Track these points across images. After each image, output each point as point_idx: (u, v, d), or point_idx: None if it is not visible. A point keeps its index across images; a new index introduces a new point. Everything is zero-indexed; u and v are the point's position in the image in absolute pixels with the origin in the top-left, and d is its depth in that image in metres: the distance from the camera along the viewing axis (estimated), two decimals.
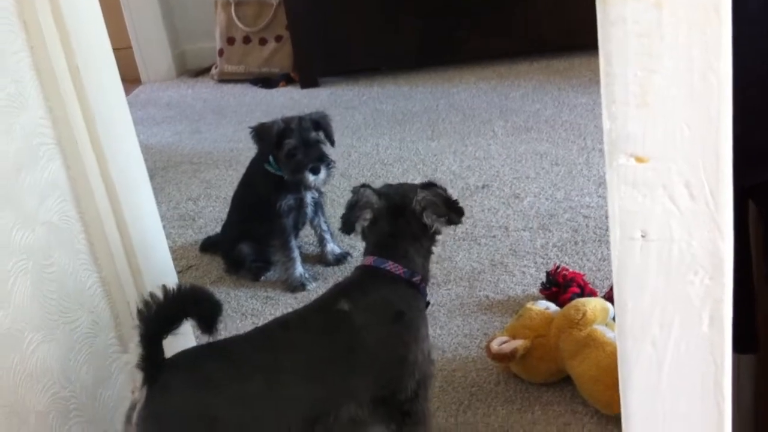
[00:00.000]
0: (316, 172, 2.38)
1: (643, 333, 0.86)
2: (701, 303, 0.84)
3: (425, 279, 1.69)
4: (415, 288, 1.64)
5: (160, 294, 1.42)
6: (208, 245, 2.77)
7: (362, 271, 1.67)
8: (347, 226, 1.72)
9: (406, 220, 1.66)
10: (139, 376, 1.44)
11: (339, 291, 1.64)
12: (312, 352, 1.54)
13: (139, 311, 1.43)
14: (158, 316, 1.42)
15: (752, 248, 1.26)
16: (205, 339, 1.55)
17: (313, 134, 2.40)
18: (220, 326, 1.50)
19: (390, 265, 1.62)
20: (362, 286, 1.63)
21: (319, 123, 2.42)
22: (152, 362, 1.43)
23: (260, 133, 2.41)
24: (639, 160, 0.80)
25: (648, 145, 0.79)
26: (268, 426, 1.49)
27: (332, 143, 2.46)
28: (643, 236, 0.82)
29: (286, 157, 2.39)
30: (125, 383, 1.81)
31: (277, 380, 1.50)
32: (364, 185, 1.71)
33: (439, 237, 1.73)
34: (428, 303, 1.72)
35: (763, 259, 1.24)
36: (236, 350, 1.54)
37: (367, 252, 1.68)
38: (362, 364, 1.56)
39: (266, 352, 1.54)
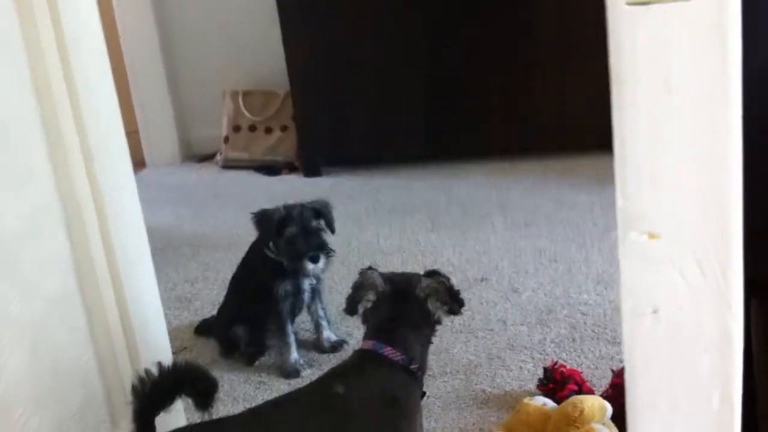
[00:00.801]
0: (315, 260, 2.39)
1: (651, 410, 0.86)
2: (710, 380, 0.84)
3: (423, 368, 1.68)
4: (412, 375, 1.63)
5: (155, 370, 1.41)
6: (203, 328, 2.76)
7: (360, 354, 1.66)
8: (350, 307, 1.72)
9: (408, 306, 1.66)
10: None
11: (335, 373, 1.63)
12: None
13: (134, 387, 1.41)
14: (153, 393, 1.40)
15: (754, 345, 1.26)
16: (196, 416, 1.52)
17: (314, 222, 2.42)
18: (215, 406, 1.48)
19: (388, 351, 1.61)
20: (359, 369, 1.63)
21: (320, 211, 2.45)
22: None
23: (261, 219, 2.44)
24: (651, 236, 0.81)
25: (660, 223, 0.81)
26: None
27: (332, 231, 2.48)
28: (653, 312, 0.83)
29: (286, 244, 2.41)
30: None
31: None
32: (370, 268, 1.73)
33: (438, 326, 1.74)
34: (424, 393, 1.71)
35: (765, 355, 1.24)
36: (228, 429, 1.52)
37: (367, 336, 1.68)
38: None
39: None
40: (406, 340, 1.64)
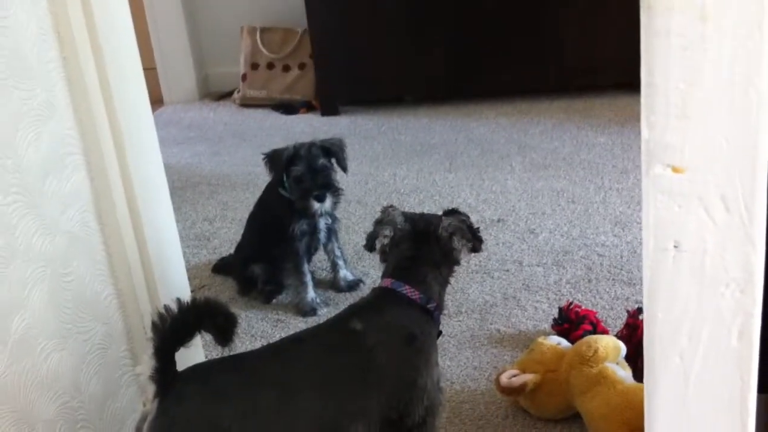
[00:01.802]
0: (320, 199, 2.39)
1: (671, 344, 0.86)
2: (731, 316, 0.84)
3: (440, 307, 1.70)
4: (429, 314, 1.65)
5: (174, 306, 1.43)
6: (221, 266, 2.78)
7: (378, 292, 1.67)
8: (369, 243, 1.74)
9: (428, 246, 1.67)
10: (151, 388, 1.44)
11: (353, 310, 1.65)
12: (323, 369, 1.55)
13: (154, 323, 1.43)
14: (172, 329, 1.42)
15: None
16: (214, 352, 1.55)
17: (322, 161, 2.41)
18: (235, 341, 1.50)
19: (407, 289, 1.63)
20: (377, 306, 1.64)
21: (330, 149, 2.43)
22: (165, 374, 1.43)
23: (271, 159, 2.44)
24: (676, 170, 0.80)
25: (685, 156, 0.79)
26: None
27: (344, 170, 2.47)
28: (676, 247, 0.82)
29: (293, 183, 2.41)
30: (134, 397, 1.81)
31: (288, 396, 1.50)
32: (392, 206, 1.74)
33: (456, 267, 1.74)
34: (440, 332, 1.72)
35: None
36: (248, 365, 1.55)
37: (386, 274, 1.69)
38: (372, 384, 1.56)
39: (278, 367, 1.54)
40: (424, 280, 1.66)
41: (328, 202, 2.41)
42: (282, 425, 1.49)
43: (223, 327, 1.47)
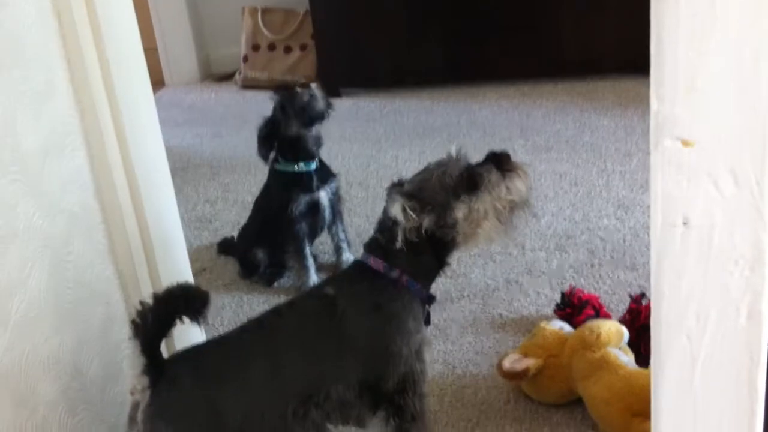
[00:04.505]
0: (307, 85, 2.44)
1: (678, 324, 0.84)
2: (740, 295, 0.82)
3: (417, 276, 1.65)
4: (393, 284, 1.63)
5: (150, 301, 1.45)
6: (226, 246, 2.77)
7: (353, 264, 1.75)
8: None
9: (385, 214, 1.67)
10: (144, 380, 1.47)
11: (328, 279, 1.76)
12: (303, 333, 1.60)
13: (135, 323, 1.44)
14: (154, 323, 1.45)
15: None
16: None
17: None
18: (210, 316, 1.53)
19: (371, 261, 1.65)
20: (348, 276, 1.72)
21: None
22: (155, 366, 1.47)
23: (258, 147, 2.52)
24: (685, 143, 0.78)
25: (695, 129, 0.77)
26: (270, 406, 1.52)
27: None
28: (684, 223, 0.80)
29: (283, 117, 2.44)
30: None
31: (275, 362, 1.55)
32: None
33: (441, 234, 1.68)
34: (431, 299, 1.69)
35: None
36: (235, 341, 1.60)
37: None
38: (346, 347, 1.60)
39: (263, 339, 1.59)
40: (388, 250, 1.64)
41: (315, 91, 2.42)
42: (270, 392, 1.53)
43: (199, 308, 1.49)
